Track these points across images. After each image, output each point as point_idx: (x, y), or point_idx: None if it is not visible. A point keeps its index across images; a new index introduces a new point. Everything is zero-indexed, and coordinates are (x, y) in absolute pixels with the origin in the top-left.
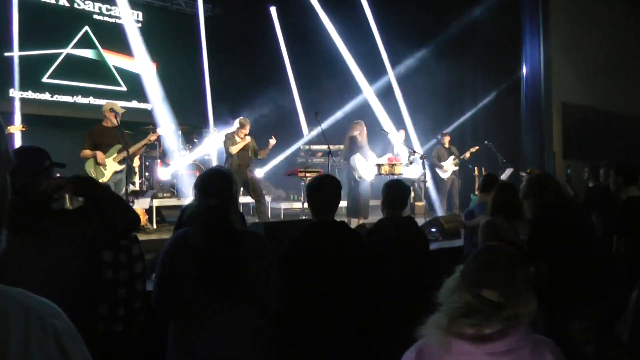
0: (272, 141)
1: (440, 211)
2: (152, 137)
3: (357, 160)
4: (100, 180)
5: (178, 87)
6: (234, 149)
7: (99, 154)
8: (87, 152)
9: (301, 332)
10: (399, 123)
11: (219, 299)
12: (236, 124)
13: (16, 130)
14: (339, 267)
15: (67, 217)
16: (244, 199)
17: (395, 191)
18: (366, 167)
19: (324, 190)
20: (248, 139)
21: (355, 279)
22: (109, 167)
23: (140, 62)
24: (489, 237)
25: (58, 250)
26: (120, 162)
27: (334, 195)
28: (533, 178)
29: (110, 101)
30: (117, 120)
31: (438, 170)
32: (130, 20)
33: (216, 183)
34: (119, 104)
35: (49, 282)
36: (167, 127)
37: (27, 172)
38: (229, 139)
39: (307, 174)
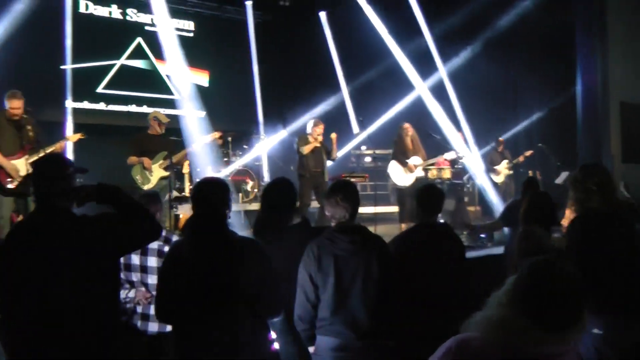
0: (333, 135)
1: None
2: (196, 147)
3: (391, 167)
4: (146, 187)
5: (229, 93)
6: (306, 149)
7: (146, 159)
8: (134, 158)
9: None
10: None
11: (213, 308)
12: (310, 125)
13: (75, 138)
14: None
15: (87, 222)
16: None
17: (429, 196)
18: (401, 173)
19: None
20: (320, 139)
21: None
22: (155, 173)
23: (192, 70)
24: (530, 248)
25: (74, 254)
26: (165, 169)
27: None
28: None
29: (155, 109)
30: (161, 129)
31: (492, 175)
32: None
33: (209, 191)
34: (172, 112)
35: (67, 285)
36: (218, 134)
37: (50, 179)
38: (302, 140)
39: (352, 179)
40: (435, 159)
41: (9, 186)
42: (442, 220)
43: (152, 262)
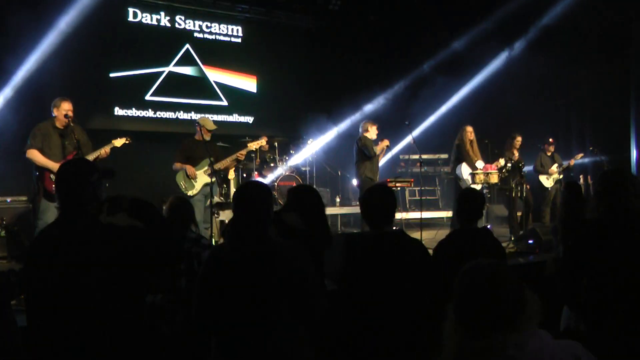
0: (385, 143)
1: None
2: (242, 154)
3: (463, 169)
4: (189, 193)
5: (277, 99)
6: (378, 149)
7: (189, 167)
8: (178, 164)
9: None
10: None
11: (253, 312)
12: (368, 126)
13: (120, 143)
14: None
15: (111, 233)
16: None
17: (469, 201)
18: (471, 176)
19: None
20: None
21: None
22: (199, 180)
23: (240, 76)
24: None
25: (92, 263)
26: (210, 175)
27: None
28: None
29: (203, 116)
30: (207, 135)
31: (541, 179)
32: (225, 36)
33: (251, 195)
34: (219, 119)
35: (84, 294)
36: (264, 140)
37: (73, 185)
38: (367, 140)
39: (398, 184)
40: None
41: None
42: (489, 226)
43: (182, 265)
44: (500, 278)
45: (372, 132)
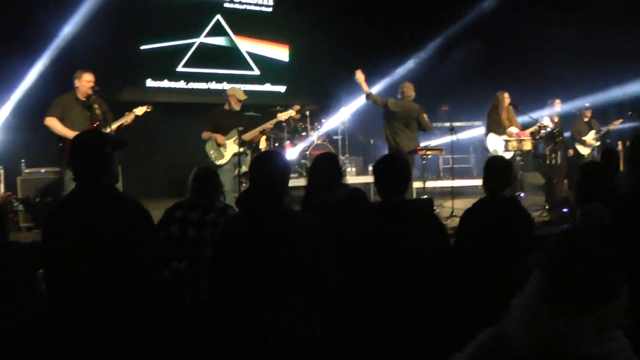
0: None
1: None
2: (269, 125)
3: (489, 140)
4: (219, 162)
5: (309, 68)
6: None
7: (219, 136)
8: (208, 133)
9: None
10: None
11: (267, 283)
12: (406, 88)
13: (142, 111)
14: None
15: (122, 208)
16: None
17: (497, 169)
18: (502, 145)
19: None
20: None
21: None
22: (228, 149)
23: (271, 45)
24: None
25: (99, 235)
26: (239, 145)
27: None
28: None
29: (233, 86)
30: (237, 105)
31: (578, 146)
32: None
33: (266, 165)
34: (252, 88)
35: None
36: (294, 111)
37: (88, 158)
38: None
39: (428, 152)
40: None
41: None
42: (522, 194)
43: (208, 234)
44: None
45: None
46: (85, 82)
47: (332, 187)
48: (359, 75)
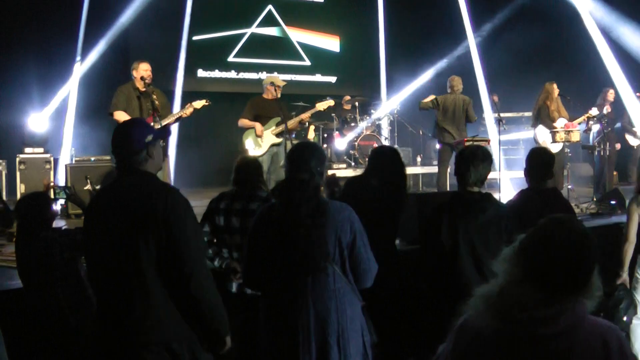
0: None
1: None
2: (307, 115)
3: (538, 132)
4: (255, 153)
5: (359, 59)
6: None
7: (258, 125)
8: (246, 121)
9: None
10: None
11: (300, 274)
12: (454, 82)
13: (200, 105)
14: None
15: (160, 191)
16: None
17: (539, 160)
18: (550, 137)
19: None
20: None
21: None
22: (265, 140)
23: (322, 35)
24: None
25: (126, 224)
26: (278, 135)
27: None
28: None
29: (271, 74)
30: (277, 92)
31: (628, 137)
32: None
33: (302, 155)
34: (302, 79)
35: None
36: (332, 101)
37: (129, 147)
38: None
39: (475, 144)
40: None
41: None
42: (570, 186)
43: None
44: (587, 235)
45: (450, 88)
46: (142, 71)
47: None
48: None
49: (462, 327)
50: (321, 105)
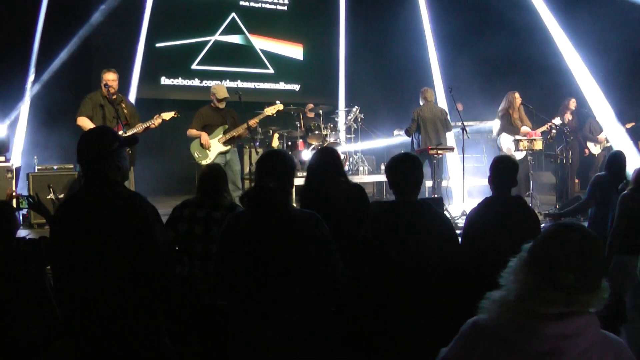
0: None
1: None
2: (254, 121)
3: (502, 140)
4: (203, 162)
5: (322, 67)
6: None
7: (203, 135)
8: (193, 131)
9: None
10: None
11: (270, 283)
12: (428, 94)
13: (169, 117)
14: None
15: (128, 206)
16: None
17: (502, 168)
18: (513, 145)
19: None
20: None
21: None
22: (213, 149)
23: (286, 44)
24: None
25: (103, 233)
26: (225, 143)
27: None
28: None
29: (216, 83)
30: (220, 103)
31: (590, 145)
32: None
33: (272, 164)
34: (266, 87)
35: (95, 263)
36: (280, 105)
37: (95, 155)
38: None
39: (439, 152)
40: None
41: None
42: (532, 193)
43: (215, 231)
44: (598, 240)
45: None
46: (107, 80)
47: (331, 181)
48: None
49: (474, 328)
50: (269, 110)
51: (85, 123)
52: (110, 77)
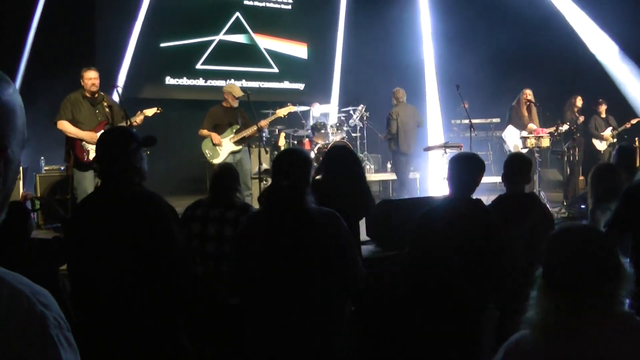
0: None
1: None
2: (264, 122)
3: (507, 132)
4: (214, 161)
5: (328, 65)
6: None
7: (214, 135)
8: (204, 131)
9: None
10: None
11: (287, 281)
12: (400, 94)
13: (151, 113)
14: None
15: (144, 207)
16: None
17: (517, 165)
18: (517, 140)
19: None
20: None
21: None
22: (224, 148)
23: (290, 43)
24: None
25: (121, 235)
26: (237, 143)
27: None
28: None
29: (231, 83)
30: (234, 102)
31: (595, 142)
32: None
33: (289, 162)
34: (271, 86)
35: (114, 264)
36: (291, 107)
37: (113, 156)
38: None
39: (447, 149)
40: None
41: (86, 160)
42: (538, 190)
43: (229, 231)
44: (604, 242)
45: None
46: (86, 80)
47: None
48: None
49: (517, 347)
50: (282, 112)
51: (65, 127)
52: (92, 76)
